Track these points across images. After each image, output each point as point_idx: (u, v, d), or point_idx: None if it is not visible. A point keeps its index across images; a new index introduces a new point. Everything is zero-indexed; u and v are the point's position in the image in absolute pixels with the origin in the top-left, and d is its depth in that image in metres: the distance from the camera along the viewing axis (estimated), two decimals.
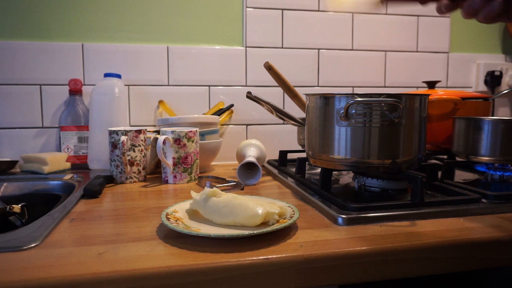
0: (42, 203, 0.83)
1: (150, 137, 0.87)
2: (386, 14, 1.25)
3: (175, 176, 0.83)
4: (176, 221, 0.51)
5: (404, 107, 0.60)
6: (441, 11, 0.39)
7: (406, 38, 1.27)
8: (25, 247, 0.45)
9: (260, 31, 1.16)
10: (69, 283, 0.37)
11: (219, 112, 1.11)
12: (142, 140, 0.85)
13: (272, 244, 0.46)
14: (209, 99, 1.15)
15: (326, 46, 1.21)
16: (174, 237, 0.48)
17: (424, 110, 0.66)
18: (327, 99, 0.65)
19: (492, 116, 1.12)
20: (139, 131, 0.84)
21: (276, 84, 0.94)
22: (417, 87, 1.29)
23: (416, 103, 0.64)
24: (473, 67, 1.33)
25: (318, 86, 1.22)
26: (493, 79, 1.30)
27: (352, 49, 1.23)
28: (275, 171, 0.92)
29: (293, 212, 0.53)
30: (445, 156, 0.97)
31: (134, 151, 0.83)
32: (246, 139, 1.17)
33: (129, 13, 1.09)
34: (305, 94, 0.72)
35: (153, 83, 1.11)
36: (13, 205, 0.67)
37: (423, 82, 1.06)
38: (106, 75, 1.02)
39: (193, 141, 0.84)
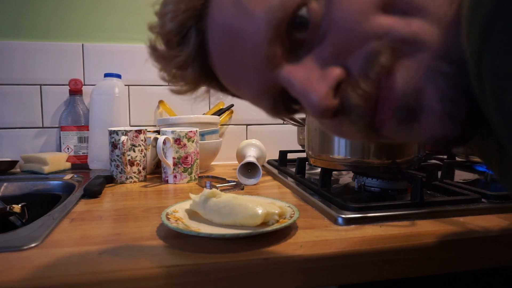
0: (42, 203, 0.83)
1: (150, 137, 0.87)
2: None
3: (175, 176, 0.83)
4: (176, 221, 0.51)
5: None
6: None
7: None
8: (25, 247, 0.45)
9: None
10: (69, 283, 0.37)
11: (219, 112, 1.11)
12: (142, 140, 0.85)
13: (272, 244, 0.46)
14: (209, 99, 1.15)
15: None
16: (174, 237, 0.48)
17: None
18: None
19: None
20: (139, 131, 0.84)
21: None
22: None
23: None
24: None
25: None
26: None
27: None
28: (275, 171, 0.92)
29: (293, 212, 0.53)
30: (445, 156, 0.97)
31: (134, 151, 0.83)
32: (246, 139, 1.17)
33: (129, 13, 1.09)
34: None
35: (153, 83, 1.11)
36: (13, 205, 0.67)
37: None
38: (106, 75, 1.02)
39: (193, 141, 0.84)
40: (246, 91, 0.33)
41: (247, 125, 1.18)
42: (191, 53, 0.32)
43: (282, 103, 0.33)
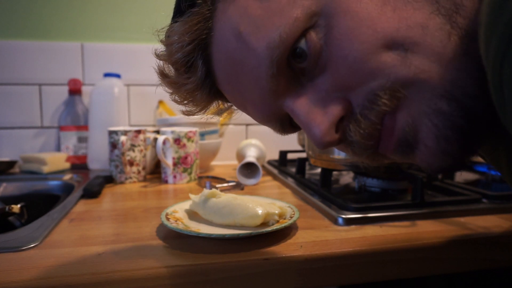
0: (41, 203, 0.82)
1: (149, 137, 0.86)
2: None
3: (174, 176, 0.83)
4: (176, 221, 0.51)
5: None
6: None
7: None
8: (24, 248, 0.45)
9: None
10: (69, 284, 0.37)
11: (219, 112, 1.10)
12: (141, 140, 0.85)
13: (272, 244, 0.46)
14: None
15: None
16: (174, 237, 0.48)
17: None
18: None
19: None
20: (138, 131, 0.84)
21: None
22: None
23: None
24: None
25: None
26: None
27: None
28: (275, 171, 0.91)
29: (293, 212, 0.53)
30: None
31: (133, 151, 0.83)
32: (246, 139, 1.17)
33: (129, 13, 1.08)
34: None
35: (153, 83, 1.10)
36: (12, 206, 0.67)
37: None
38: (106, 75, 1.02)
39: (193, 141, 0.84)
40: (254, 115, 0.34)
41: (247, 125, 1.18)
42: (199, 81, 0.33)
43: (288, 123, 0.34)
